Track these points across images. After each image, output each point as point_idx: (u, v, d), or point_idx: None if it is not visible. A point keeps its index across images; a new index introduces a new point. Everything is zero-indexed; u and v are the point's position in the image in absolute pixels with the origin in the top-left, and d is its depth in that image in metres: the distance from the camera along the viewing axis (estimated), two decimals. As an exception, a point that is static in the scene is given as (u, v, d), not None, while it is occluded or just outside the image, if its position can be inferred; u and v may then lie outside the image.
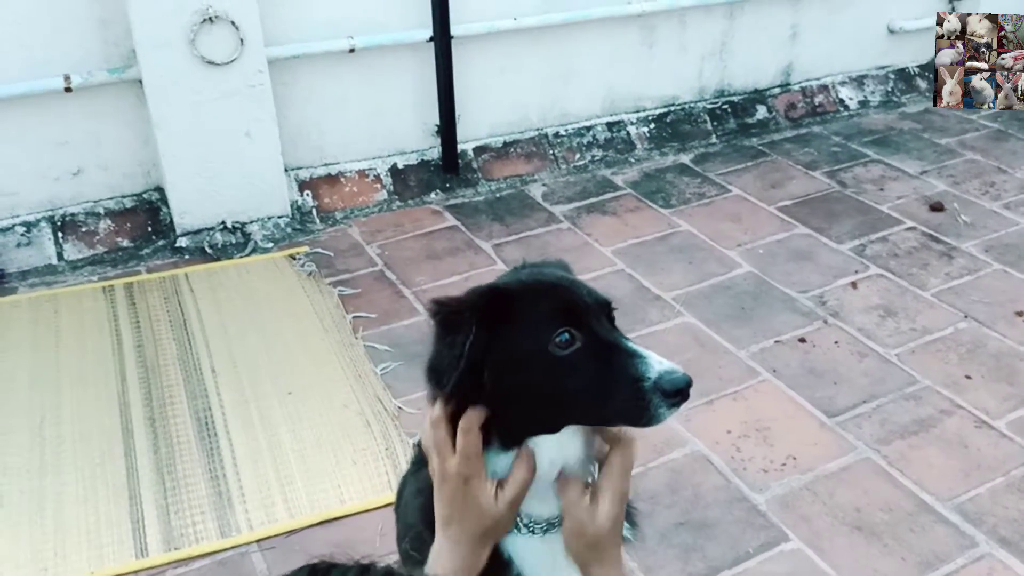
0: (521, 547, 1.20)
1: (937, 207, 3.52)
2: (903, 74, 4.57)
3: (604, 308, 1.14)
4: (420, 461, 1.29)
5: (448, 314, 1.10)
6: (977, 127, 4.22)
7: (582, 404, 1.09)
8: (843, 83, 4.45)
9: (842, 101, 4.41)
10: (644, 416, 1.06)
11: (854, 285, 3.06)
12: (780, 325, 2.86)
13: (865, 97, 4.45)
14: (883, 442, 2.40)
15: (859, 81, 4.48)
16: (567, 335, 1.07)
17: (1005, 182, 3.71)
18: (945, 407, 2.51)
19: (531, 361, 1.08)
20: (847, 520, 2.17)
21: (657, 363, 1.07)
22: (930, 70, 4.61)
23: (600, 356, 1.08)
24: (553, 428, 1.13)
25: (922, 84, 4.57)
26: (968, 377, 2.62)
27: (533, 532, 1.19)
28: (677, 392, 1.05)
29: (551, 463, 1.15)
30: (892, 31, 4.44)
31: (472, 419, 1.10)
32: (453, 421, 1.12)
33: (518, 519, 1.18)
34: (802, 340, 2.79)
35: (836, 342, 2.78)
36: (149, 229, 3.35)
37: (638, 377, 1.06)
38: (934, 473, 2.30)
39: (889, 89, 4.51)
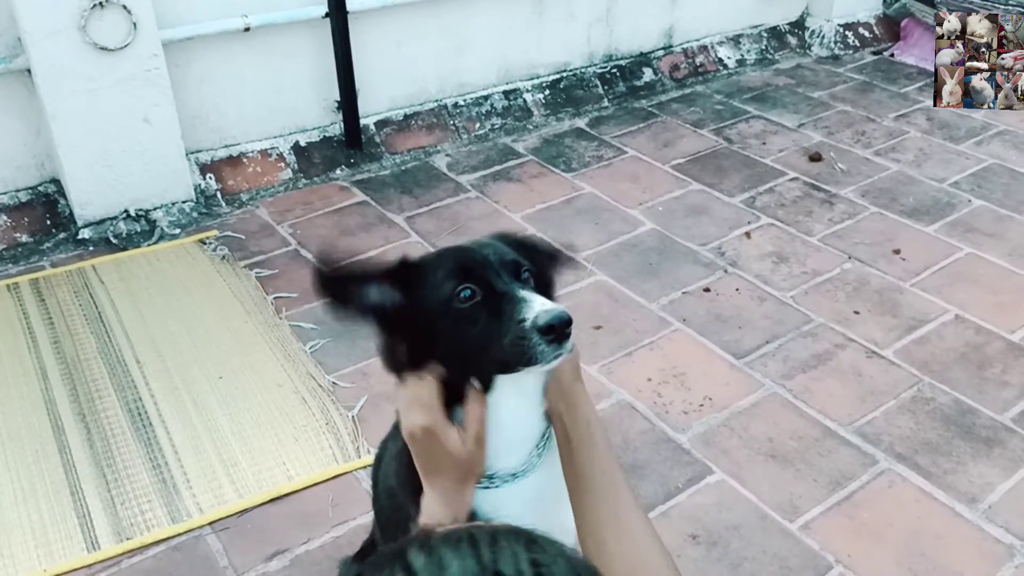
0: (486, 500, 1.28)
1: (816, 157, 3.78)
2: (775, 32, 4.83)
3: (508, 265, 1.23)
4: (397, 428, 1.39)
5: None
6: (845, 79, 4.52)
7: (485, 351, 1.18)
8: (721, 43, 4.67)
9: (721, 60, 4.63)
10: (528, 354, 1.14)
11: (748, 235, 3.28)
12: (685, 277, 3.05)
13: (742, 56, 4.69)
14: (787, 377, 2.61)
15: (735, 40, 4.71)
16: (468, 291, 1.18)
17: (874, 130, 4.01)
18: (839, 341, 2.75)
19: (441, 316, 1.19)
20: (762, 450, 2.37)
21: (539, 305, 1.15)
22: (800, 27, 4.89)
23: (495, 306, 1.18)
24: (480, 377, 1.22)
25: (792, 41, 4.85)
26: (856, 312, 2.87)
27: (497, 486, 1.29)
28: (551, 328, 1.13)
29: (509, 413, 1.25)
30: (763, -9, 4.68)
31: (425, 375, 1.21)
32: None
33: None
34: (707, 290, 2.99)
35: (737, 289, 2.99)
36: (48, 222, 3.26)
37: (521, 319, 1.15)
38: (834, 401, 2.52)
39: (763, 47, 4.76)
